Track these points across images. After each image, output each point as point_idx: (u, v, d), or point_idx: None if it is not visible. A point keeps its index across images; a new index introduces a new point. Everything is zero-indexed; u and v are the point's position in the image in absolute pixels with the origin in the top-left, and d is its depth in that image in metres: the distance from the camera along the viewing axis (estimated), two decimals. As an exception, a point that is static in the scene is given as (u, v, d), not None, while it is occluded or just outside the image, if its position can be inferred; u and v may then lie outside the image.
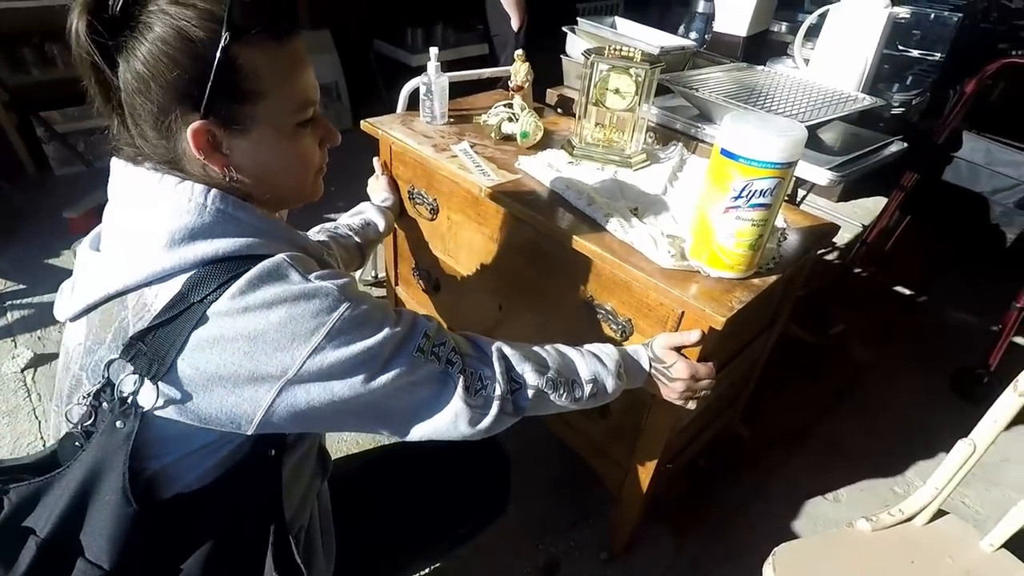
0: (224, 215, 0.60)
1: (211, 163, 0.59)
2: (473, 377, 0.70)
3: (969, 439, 0.87)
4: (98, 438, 0.57)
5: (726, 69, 1.50)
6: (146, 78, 0.54)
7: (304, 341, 0.58)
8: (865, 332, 2.07)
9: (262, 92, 0.58)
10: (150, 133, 0.58)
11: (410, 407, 0.67)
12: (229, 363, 0.56)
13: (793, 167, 0.82)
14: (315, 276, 0.61)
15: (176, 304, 0.57)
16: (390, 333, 0.63)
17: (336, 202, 2.57)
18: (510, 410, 0.73)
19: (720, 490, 1.48)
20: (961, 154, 1.65)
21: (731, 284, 0.90)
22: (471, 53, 3.43)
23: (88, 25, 0.52)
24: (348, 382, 0.60)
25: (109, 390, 0.57)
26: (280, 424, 0.60)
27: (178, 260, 0.58)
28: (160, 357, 0.56)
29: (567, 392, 0.78)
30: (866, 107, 1.29)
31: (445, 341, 0.69)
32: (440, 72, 1.31)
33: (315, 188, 0.70)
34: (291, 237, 0.66)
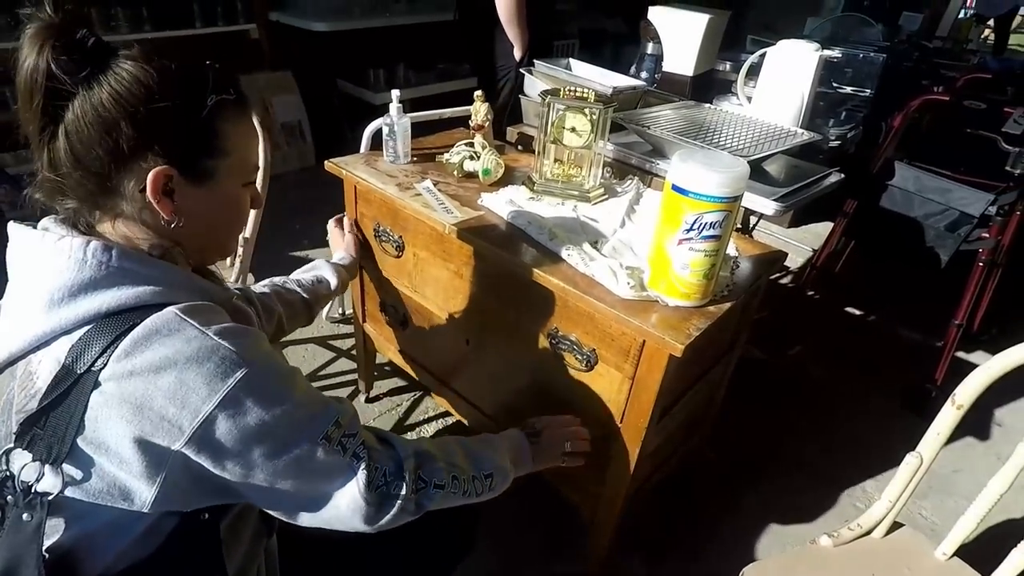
0: (108, 267, 0.56)
1: (160, 207, 0.59)
2: (377, 473, 0.66)
3: (916, 452, 0.92)
4: (5, 535, 0.55)
5: (675, 107, 1.58)
6: (113, 114, 0.54)
7: (194, 409, 0.54)
8: (819, 351, 2.16)
9: (226, 151, 0.62)
10: (90, 167, 0.56)
11: (303, 495, 0.63)
12: (115, 434, 0.53)
13: (739, 200, 0.87)
14: (215, 331, 0.56)
15: (63, 379, 0.53)
16: (292, 409, 0.59)
17: (300, 239, 2.56)
18: (412, 509, 0.70)
19: (692, 514, 1.50)
20: (895, 182, 1.78)
21: (688, 312, 0.94)
22: (431, 92, 3.50)
23: (57, 50, 0.53)
24: (240, 458, 0.57)
25: (11, 482, 0.54)
26: (177, 499, 0.57)
27: (58, 321, 0.55)
28: (59, 438, 0.53)
29: (470, 490, 0.78)
30: (805, 141, 1.38)
31: (356, 433, 0.66)
32: (402, 113, 1.34)
33: (235, 244, 0.74)
34: (189, 282, 0.63)
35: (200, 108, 0.58)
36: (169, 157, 0.58)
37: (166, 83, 0.56)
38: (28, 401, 0.56)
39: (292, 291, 1.12)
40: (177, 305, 0.57)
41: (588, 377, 1.05)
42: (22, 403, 0.56)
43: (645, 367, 0.95)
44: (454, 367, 1.39)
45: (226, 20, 2.95)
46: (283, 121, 3.22)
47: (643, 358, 0.95)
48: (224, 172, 0.62)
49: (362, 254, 1.36)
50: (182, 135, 0.58)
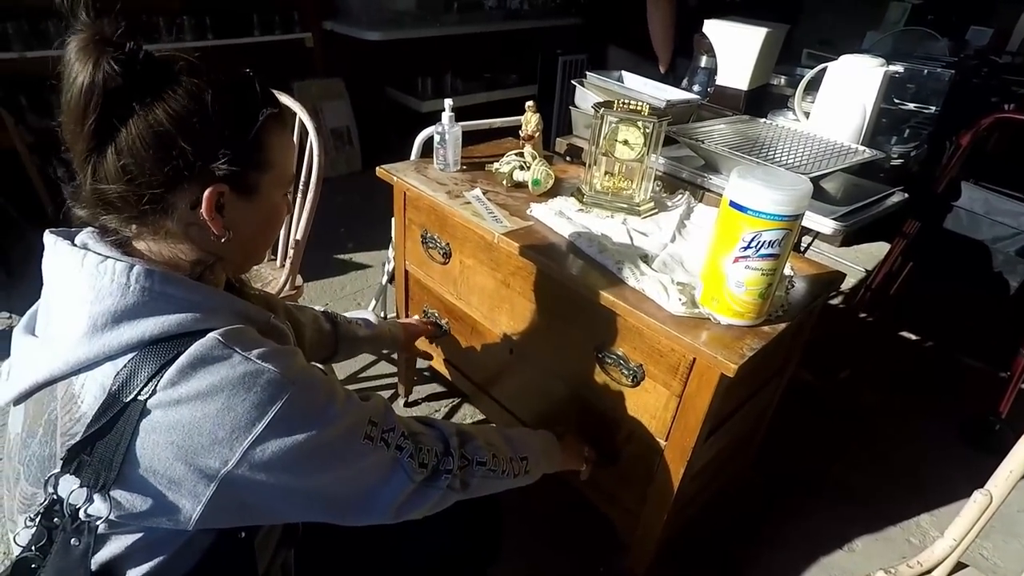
0: (151, 293, 0.56)
1: (213, 224, 0.59)
2: (429, 454, 0.70)
3: (985, 490, 0.87)
4: (52, 560, 0.55)
5: (730, 121, 1.55)
6: (170, 131, 0.53)
7: (244, 432, 0.55)
8: (873, 377, 2.07)
9: (271, 163, 0.62)
10: (143, 184, 0.55)
11: (358, 494, 0.65)
12: (164, 458, 0.54)
13: (800, 219, 0.85)
14: (257, 354, 0.56)
15: (109, 407, 0.54)
16: (336, 420, 0.61)
17: (345, 243, 2.62)
18: (458, 487, 0.73)
19: (734, 539, 1.45)
20: (961, 203, 1.69)
21: (742, 331, 0.91)
22: (477, 101, 3.54)
23: (113, 66, 0.51)
24: (292, 473, 0.58)
25: (59, 506, 0.55)
26: (221, 518, 0.58)
27: (102, 348, 0.54)
28: (106, 465, 0.53)
29: (509, 470, 0.81)
30: (867, 159, 1.34)
31: (394, 426, 0.68)
32: (454, 122, 1.36)
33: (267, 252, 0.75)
34: (230, 305, 0.62)
35: (253, 123, 0.58)
36: (224, 174, 0.57)
37: (220, 98, 0.56)
38: (73, 425, 0.56)
39: (328, 318, 1.11)
40: (218, 331, 0.56)
41: (634, 393, 1.03)
42: (67, 426, 0.57)
43: (694, 385, 0.93)
44: (495, 376, 1.39)
45: (283, 29, 3.05)
46: (332, 127, 3.30)
47: (692, 376, 0.92)
48: (268, 184, 0.63)
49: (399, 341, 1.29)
50: (237, 152, 0.57)
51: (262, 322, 0.65)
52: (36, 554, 0.56)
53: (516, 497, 0.98)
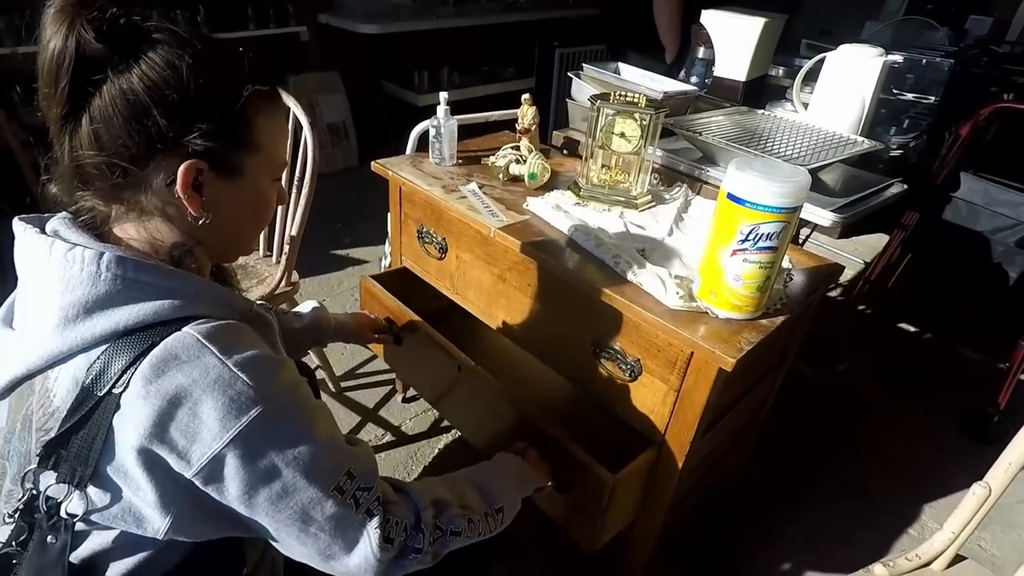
0: (123, 281, 0.53)
1: (189, 203, 0.56)
2: (398, 528, 0.62)
3: (984, 482, 0.86)
4: (30, 557, 0.54)
5: (727, 113, 1.54)
6: (144, 101, 0.50)
7: (204, 445, 0.51)
8: (871, 370, 2.07)
9: (258, 145, 0.58)
10: (116, 157, 0.52)
11: (310, 546, 0.58)
12: (131, 459, 0.52)
13: (798, 211, 0.84)
14: (235, 361, 0.53)
15: (83, 402, 0.52)
16: (306, 455, 0.55)
17: (342, 238, 2.61)
18: (429, 560, 0.67)
19: (731, 532, 1.45)
20: (960, 194, 1.68)
21: (740, 325, 0.91)
22: (474, 94, 3.52)
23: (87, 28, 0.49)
24: (244, 498, 0.54)
25: (37, 502, 0.54)
26: (190, 530, 0.56)
27: (74, 340, 0.52)
28: (83, 461, 0.52)
29: (484, 529, 0.75)
30: (866, 150, 1.33)
31: (372, 487, 0.61)
32: (449, 115, 1.35)
33: (255, 243, 0.69)
34: (211, 292, 0.59)
35: (236, 99, 0.55)
36: (201, 150, 0.54)
37: (201, 70, 0.52)
38: (47, 420, 0.55)
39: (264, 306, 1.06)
40: (198, 325, 0.53)
41: (631, 388, 1.03)
42: (41, 421, 0.55)
43: (692, 379, 0.92)
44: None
45: (278, 22, 3.03)
46: (328, 121, 3.28)
47: (690, 370, 0.92)
48: (254, 167, 0.59)
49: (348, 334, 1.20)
50: (216, 127, 0.54)
51: (244, 311, 0.62)
52: (16, 549, 0.55)
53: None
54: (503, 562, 0.97)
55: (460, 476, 0.79)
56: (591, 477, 0.96)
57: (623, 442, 1.13)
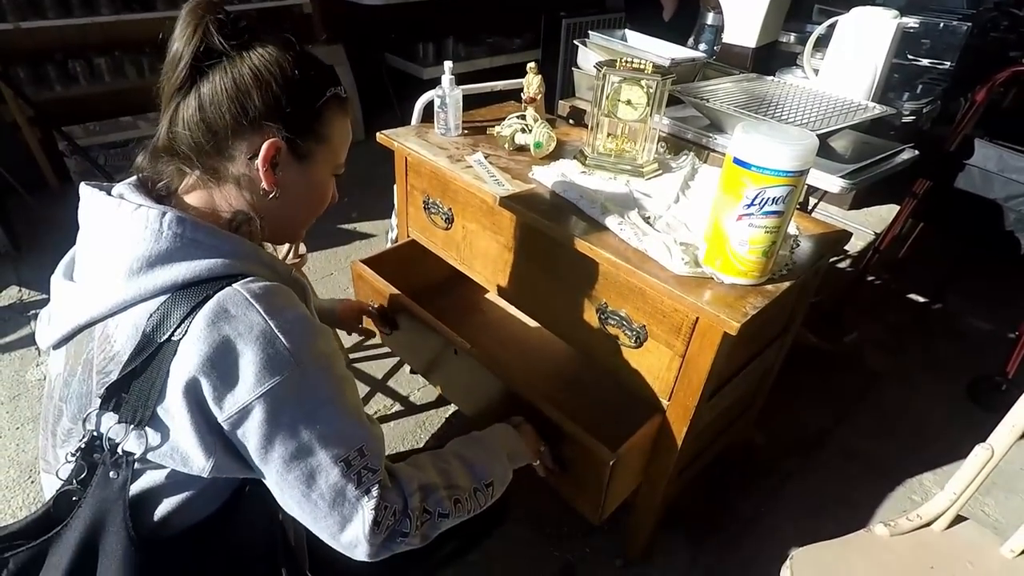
0: (182, 239, 0.59)
1: (265, 175, 0.64)
2: (387, 512, 0.65)
3: (987, 444, 0.87)
4: (93, 491, 0.59)
5: (736, 80, 1.52)
6: (248, 85, 0.60)
7: (237, 395, 0.56)
8: (880, 339, 2.07)
9: (327, 138, 0.68)
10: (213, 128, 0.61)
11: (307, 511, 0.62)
12: (179, 401, 0.56)
13: (805, 175, 0.83)
14: (278, 322, 0.57)
15: (144, 347, 0.57)
16: (326, 422, 0.60)
17: (349, 212, 2.62)
18: (417, 542, 0.70)
19: (736, 497, 1.48)
20: (973, 161, 1.66)
21: (745, 290, 0.91)
22: (481, 66, 3.47)
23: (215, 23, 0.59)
24: (261, 451, 0.58)
25: (99, 442, 0.58)
26: (230, 468, 0.59)
27: (136, 290, 0.58)
28: (143, 403, 0.57)
29: (472, 506, 0.77)
30: (876, 116, 1.30)
31: (377, 469, 0.65)
32: (454, 85, 1.34)
33: (303, 232, 0.77)
34: (258, 255, 0.65)
35: (318, 96, 0.64)
36: (284, 132, 0.63)
37: (298, 69, 0.62)
38: (107, 363, 0.59)
39: None
40: (247, 283, 0.59)
41: (637, 354, 1.04)
42: (101, 364, 0.60)
43: (697, 345, 0.93)
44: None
45: (281, -6, 2.99)
46: (334, 95, 3.25)
47: (695, 335, 0.93)
48: (321, 157, 0.68)
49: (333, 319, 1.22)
50: (299, 115, 0.63)
51: (285, 274, 0.68)
52: (77, 487, 0.60)
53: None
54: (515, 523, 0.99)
55: (451, 452, 0.81)
56: (591, 456, 0.97)
57: (628, 408, 1.15)
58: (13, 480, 1.43)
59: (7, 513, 1.35)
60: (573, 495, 1.08)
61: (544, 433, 1.01)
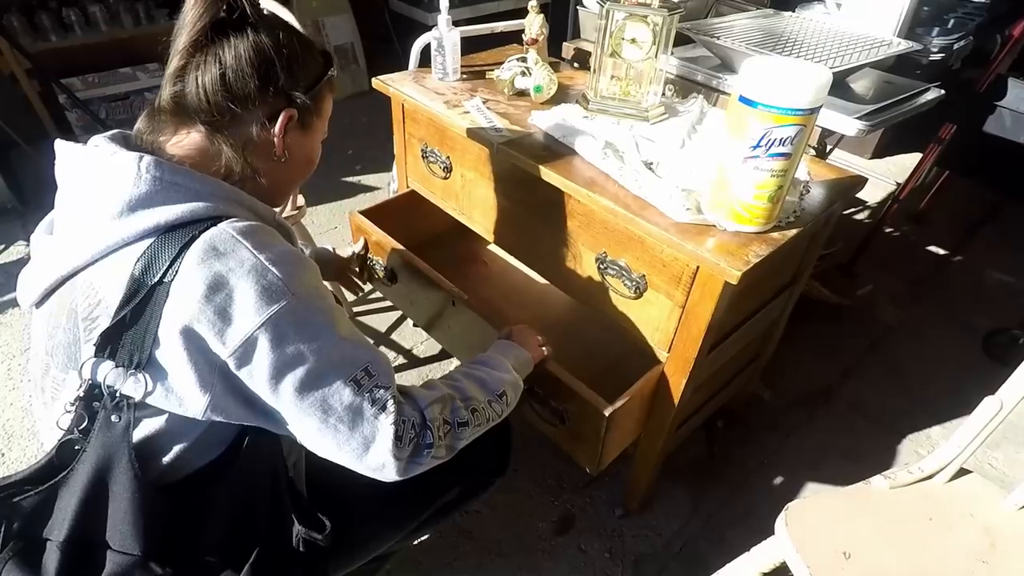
0: (161, 182, 0.59)
1: (279, 142, 0.68)
2: (406, 426, 0.66)
3: (996, 397, 0.84)
4: (96, 436, 0.59)
5: (752, 16, 1.42)
6: (273, 55, 0.64)
7: (239, 327, 0.56)
8: (895, 292, 2.01)
9: (322, 112, 0.74)
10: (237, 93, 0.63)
11: (330, 436, 0.62)
12: (177, 341, 0.56)
13: (815, 114, 0.78)
14: (267, 256, 0.58)
15: (136, 291, 0.57)
16: (329, 346, 0.61)
17: (353, 164, 2.57)
18: (443, 454, 0.71)
19: (739, 450, 1.47)
20: (1005, 103, 1.56)
21: (749, 238, 0.87)
22: (488, 10, 3.33)
23: None
24: (272, 382, 0.58)
25: (97, 390, 0.58)
26: (226, 410, 0.59)
27: (119, 234, 0.58)
28: (139, 346, 0.57)
29: (491, 414, 0.79)
30: (900, 52, 1.22)
31: (388, 386, 0.65)
32: (451, 26, 1.27)
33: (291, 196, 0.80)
34: (237, 197, 0.65)
35: (323, 74, 0.71)
36: (298, 104, 0.68)
37: (310, 49, 0.70)
38: (92, 309, 0.59)
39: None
40: (233, 223, 0.59)
41: (636, 304, 1.01)
42: (87, 310, 0.60)
43: (697, 295, 0.90)
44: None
45: (278, -65, 2.86)
46: (336, 43, 3.15)
47: (696, 285, 0.89)
48: (317, 129, 0.74)
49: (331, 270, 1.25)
50: (309, 90, 0.69)
51: (269, 217, 0.69)
52: (79, 435, 0.60)
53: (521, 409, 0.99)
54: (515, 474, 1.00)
55: (459, 371, 0.83)
56: (588, 408, 0.96)
57: (627, 360, 1.14)
58: (28, 429, 1.47)
59: (25, 460, 1.40)
60: (572, 447, 1.08)
61: (544, 385, 1.00)
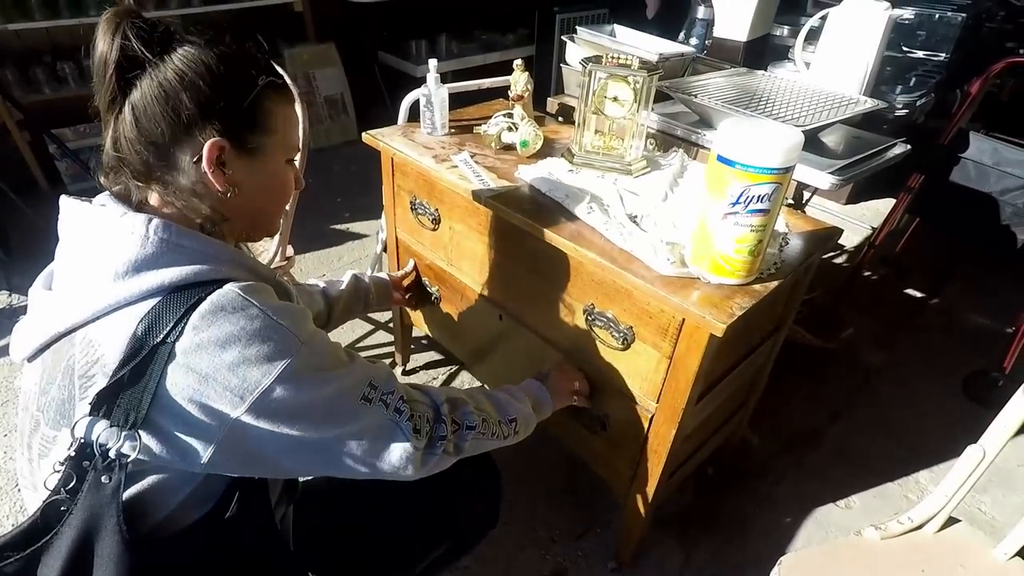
0: (167, 244, 0.60)
1: (214, 177, 0.63)
2: (421, 420, 0.72)
3: (979, 445, 0.85)
4: (84, 497, 0.58)
5: (726, 74, 1.50)
6: (176, 89, 0.59)
7: (255, 382, 0.58)
8: (875, 335, 2.05)
9: (271, 128, 0.67)
10: (153, 138, 0.61)
11: (358, 453, 0.67)
12: (182, 400, 0.57)
13: (790, 172, 0.81)
14: (273, 311, 0.60)
15: (137, 351, 0.57)
16: (338, 381, 0.64)
17: (342, 212, 2.60)
18: (452, 451, 0.76)
19: (729, 498, 1.46)
20: (968, 155, 1.64)
21: (732, 290, 0.89)
22: (474, 63, 3.45)
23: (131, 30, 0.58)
24: (295, 426, 0.61)
25: (89, 449, 0.57)
26: (231, 464, 0.61)
27: (123, 293, 0.58)
28: (136, 405, 0.56)
29: (499, 432, 0.84)
30: (867, 110, 1.29)
31: (393, 390, 0.71)
32: (440, 84, 1.32)
33: (279, 222, 0.78)
34: (240, 260, 0.66)
35: (251, 88, 0.63)
36: (223, 130, 0.62)
37: (224, 64, 0.61)
38: (90, 367, 0.59)
39: (312, 284, 1.16)
40: (237, 284, 0.60)
41: (624, 356, 1.02)
42: (84, 368, 0.59)
43: (684, 346, 0.91)
44: (487, 343, 1.38)
45: (271, -7, 2.96)
46: (326, 95, 3.23)
47: (682, 337, 0.91)
48: (271, 148, 0.67)
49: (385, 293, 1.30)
50: (235, 111, 0.62)
51: (269, 278, 0.69)
52: (66, 496, 0.59)
53: (515, 457, 0.98)
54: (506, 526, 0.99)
55: (476, 389, 0.87)
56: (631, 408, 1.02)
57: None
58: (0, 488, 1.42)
59: (12, 516, 1.34)
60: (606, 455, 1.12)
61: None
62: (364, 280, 1.23)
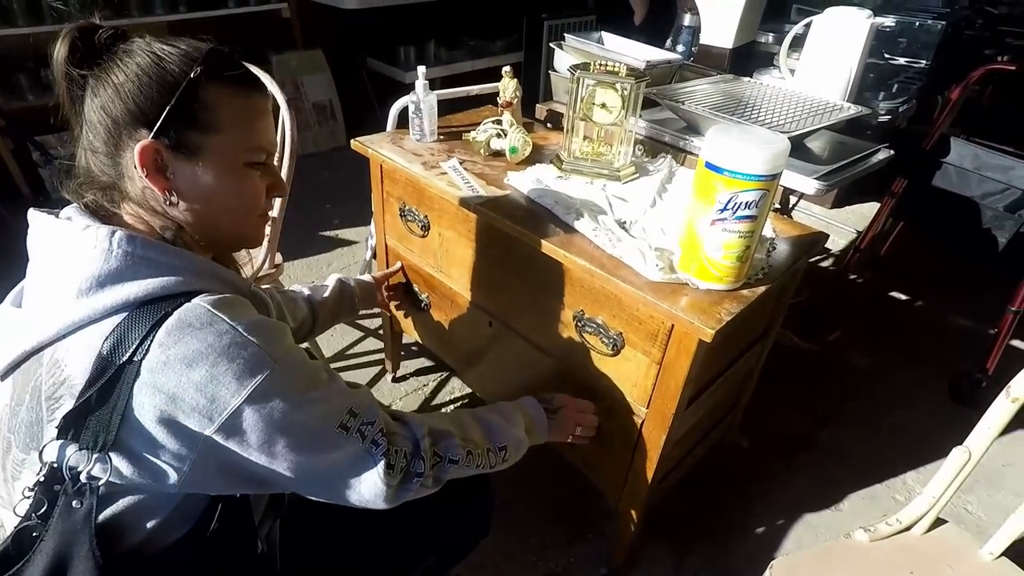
0: (132, 257, 0.57)
1: (153, 183, 0.60)
2: (398, 456, 0.69)
3: (964, 447, 0.86)
4: (56, 522, 0.56)
5: (713, 81, 1.51)
6: (109, 94, 0.58)
7: (224, 402, 0.56)
8: (862, 338, 2.07)
9: (216, 126, 0.61)
10: (100, 148, 0.60)
11: (327, 482, 0.66)
12: (151, 420, 0.55)
13: (777, 178, 0.82)
14: (244, 326, 0.57)
15: (104, 370, 0.55)
16: (314, 404, 0.62)
17: (331, 219, 2.59)
18: (430, 484, 0.74)
19: (720, 502, 1.47)
20: (950, 159, 1.66)
21: (720, 296, 0.90)
22: (462, 69, 3.46)
23: (71, 47, 0.58)
24: (264, 447, 0.59)
25: (60, 473, 0.56)
26: (202, 483, 0.60)
27: (86, 311, 0.56)
28: (104, 427, 0.55)
29: (485, 463, 0.81)
30: (851, 116, 1.30)
31: (374, 420, 0.67)
32: (428, 90, 1.32)
33: (256, 232, 0.71)
34: (213, 271, 0.64)
35: (179, 81, 0.59)
36: (156, 132, 0.59)
37: (156, 63, 0.59)
38: (56, 388, 0.57)
39: (296, 291, 1.14)
40: (206, 297, 0.58)
41: (614, 362, 1.02)
42: (51, 390, 0.58)
43: (673, 352, 0.92)
44: (477, 350, 1.38)
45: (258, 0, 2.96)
46: (314, 101, 3.23)
47: (671, 342, 0.91)
48: (217, 148, 0.62)
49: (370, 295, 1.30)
50: (165, 107, 0.58)
51: (244, 288, 0.67)
52: (37, 522, 0.57)
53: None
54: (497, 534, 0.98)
55: (468, 412, 0.84)
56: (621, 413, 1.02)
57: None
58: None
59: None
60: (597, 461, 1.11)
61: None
62: (349, 284, 1.22)
